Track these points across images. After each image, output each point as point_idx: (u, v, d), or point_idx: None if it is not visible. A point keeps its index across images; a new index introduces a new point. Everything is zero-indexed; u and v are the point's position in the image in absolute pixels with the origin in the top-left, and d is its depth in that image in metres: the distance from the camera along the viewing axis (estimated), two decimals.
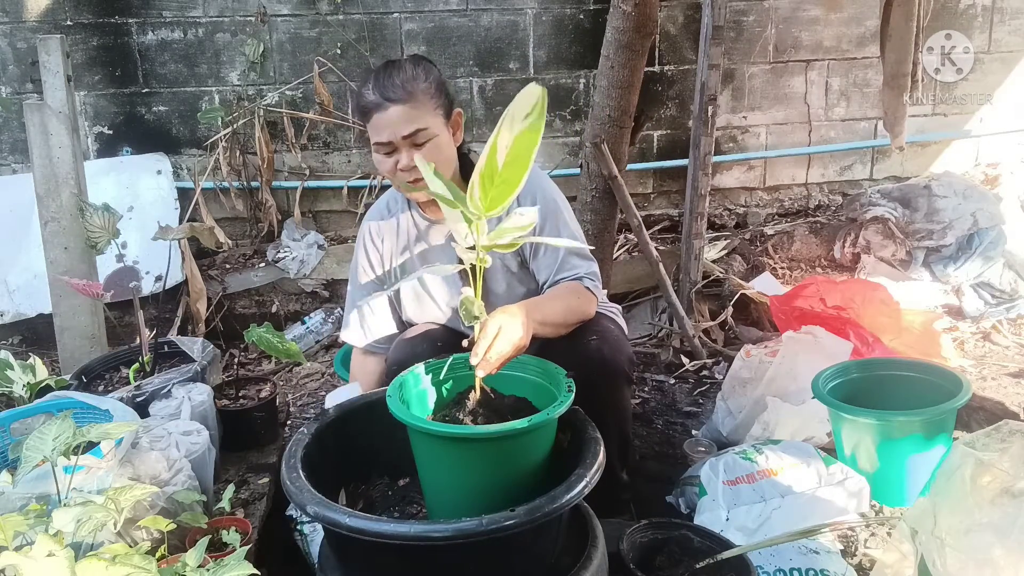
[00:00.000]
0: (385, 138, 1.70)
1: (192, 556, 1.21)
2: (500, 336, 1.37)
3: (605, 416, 1.68)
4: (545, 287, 1.80)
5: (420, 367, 1.48)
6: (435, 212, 1.86)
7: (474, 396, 1.38)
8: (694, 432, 2.43)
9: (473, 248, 1.31)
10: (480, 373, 1.36)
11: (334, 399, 1.82)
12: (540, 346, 1.59)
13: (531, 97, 1.21)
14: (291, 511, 1.81)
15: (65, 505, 1.23)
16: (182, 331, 3.19)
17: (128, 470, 1.50)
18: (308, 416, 2.66)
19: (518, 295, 1.84)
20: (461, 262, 1.35)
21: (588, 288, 1.76)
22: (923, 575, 1.24)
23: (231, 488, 1.67)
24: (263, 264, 3.50)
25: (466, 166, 1.84)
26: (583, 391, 1.44)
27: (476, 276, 1.32)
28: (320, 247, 3.49)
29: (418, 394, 1.47)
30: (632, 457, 2.00)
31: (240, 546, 1.45)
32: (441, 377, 1.49)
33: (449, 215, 1.30)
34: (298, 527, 1.78)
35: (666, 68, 3.76)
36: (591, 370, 1.68)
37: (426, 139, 1.70)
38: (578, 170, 3.19)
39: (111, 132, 3.53)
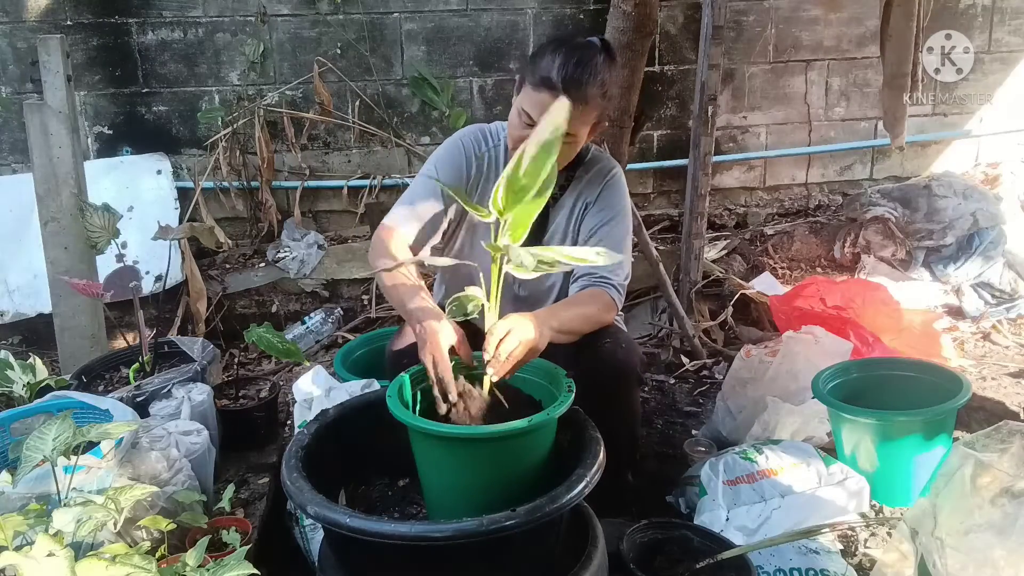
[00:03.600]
0: (535, 117, 1.65)
1: (192, 556, 1.21)
2: (510, 336, 1.36)
3: (615, 417, 1.67)
4: (576, 275, 1.80)
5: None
6: None
7: (472, 391, 1.37)
8: (694, 432, 2.43)
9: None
10: (490, 372, 1.34)
11: (300, 388, 1.81)
12: (551, 347, 1.59)
13: (560, 113, 1.20)
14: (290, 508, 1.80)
15: (65, 505, 1.23)
16: (182, 331, 3.19)
17: (128, 470, 1.50)
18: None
19: (523, 291, 1.85)
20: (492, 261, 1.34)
21: (612, 298, 1.76)
22: (923, 575, 1.24)
23: (231, 488, 1.67)
24: (263, 264, 3.49)
25: (578, 156, 1.86)
26: (595, 392, 1.43)
27: (496, 280, 1.32)
28: (320, 247, 3.49)
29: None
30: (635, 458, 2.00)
31: (240, 546, 1.45)
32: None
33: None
34: (300, 524, 1.77)
35: (666, 68, 3.76)
36: (604, 372, 1.68)
37: (567, 141, 1.65)
38: None
39: (111, 132, 3.53)
